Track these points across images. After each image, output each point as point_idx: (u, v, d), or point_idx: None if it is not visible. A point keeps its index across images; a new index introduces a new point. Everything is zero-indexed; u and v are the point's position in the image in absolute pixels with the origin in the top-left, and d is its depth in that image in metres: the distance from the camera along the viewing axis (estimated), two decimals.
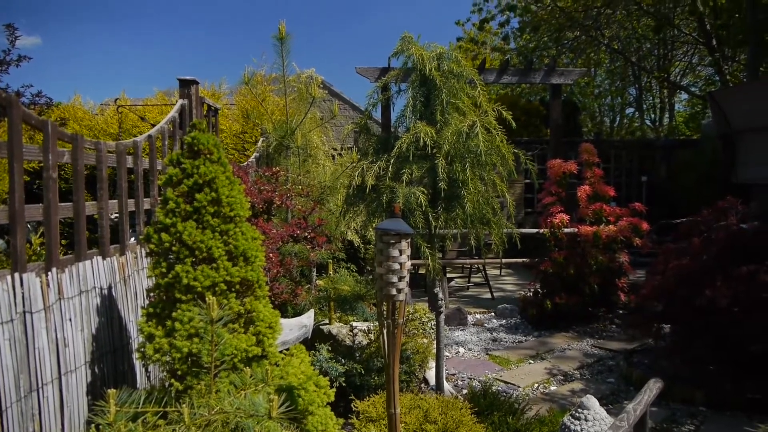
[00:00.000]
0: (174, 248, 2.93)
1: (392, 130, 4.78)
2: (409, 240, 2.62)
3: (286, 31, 6.27)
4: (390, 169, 4.11)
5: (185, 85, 5.61)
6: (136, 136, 10.79)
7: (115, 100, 10.70)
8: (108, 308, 3.49)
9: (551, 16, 16.47)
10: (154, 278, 2.99)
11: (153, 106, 11.09)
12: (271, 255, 4.51)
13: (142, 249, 4.06)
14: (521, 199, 12.67)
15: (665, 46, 19.79)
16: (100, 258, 3.47)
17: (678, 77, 21.89)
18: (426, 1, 49.95)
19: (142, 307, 3.04)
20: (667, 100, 23.68)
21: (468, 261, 8.96)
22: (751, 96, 10.07)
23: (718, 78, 15.75)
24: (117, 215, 4.17)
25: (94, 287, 3.35)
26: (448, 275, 10.15)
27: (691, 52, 20.01)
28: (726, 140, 10.80)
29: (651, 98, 24.72)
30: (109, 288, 3.53)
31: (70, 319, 3.07)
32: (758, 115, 9.71)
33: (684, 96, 23.46)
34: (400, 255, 2.59)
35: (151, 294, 3.03)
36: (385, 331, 2.77)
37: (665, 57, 20.33)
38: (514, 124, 4.07)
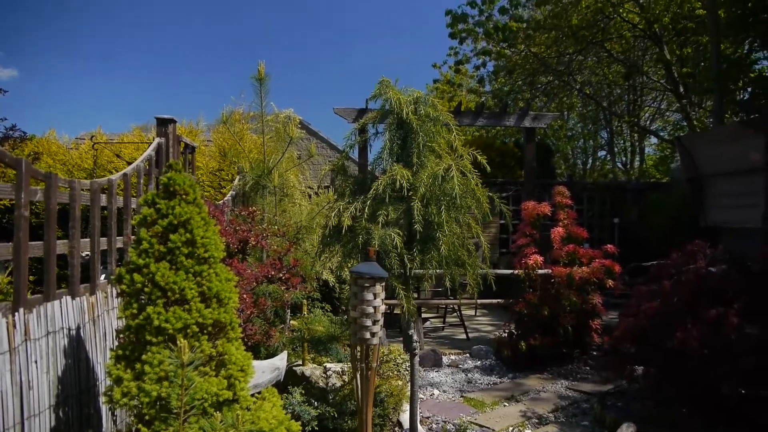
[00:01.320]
0: (146, 289, 2.89)
1: (369, 170, 4.83)
2: (383, 283, 2.63)
3: (265, 72, 6.34)
4: (366, 210, 4.13)
5: (163, 123, 5.61)
6: (111, 172, 10.74)
7: (92, 137, 10.63)
8: (75, 349, 3.41)
9: (525, 60, 16.94)
10: (124, 319, 2.94)
11: (129, 144, 11.03)
12: (245, 296, 4.47)
13: (113, 288, 3.99)
14: (496, 240, 12.78)
15: (635, 92, 20.43)
16: (69, 298, 3.40)
17: (647, 122, 22.54)
18: (404, 43, 51.14)
19: (111, 349, 2.98)
20: (637, 143, 24.32)
21: (443, 301, 8.96)
22: (717, 141, 10.40)
23: (685, 123, 16.26)
24: (88, 254, 4.11)
25: (62, 328, 3.27)
26: (424, 315, 10.12)
27: (659, 98, 20.69)
28: (694, 184, 11.09)
29: (622, 142, 25.37)
30: (78, 329, 3.46)
31: (36, 362, 2.99)
32: (724, 160, 10.02)
33: (654, 140, 24.11)
34: (375, 299, 2.59)
35: (121, 335, 2.97)
36: (358, 375, 2.75)
37: (635, 102, 20.97)
38: (488, 168, 4.15)
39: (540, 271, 7.44)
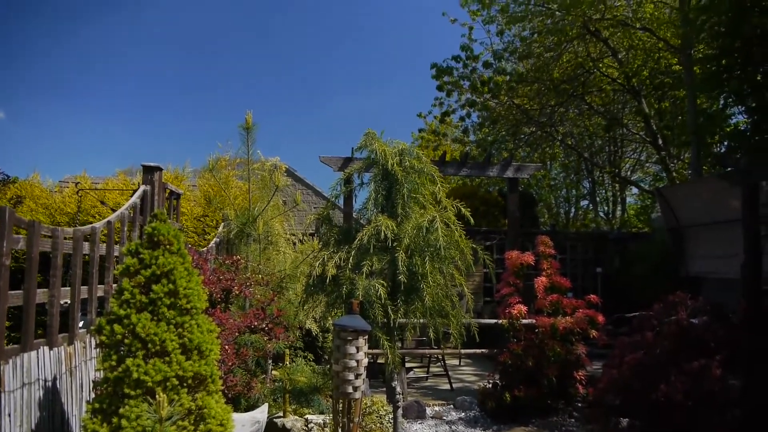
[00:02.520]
0: (126, 341, 2.85)
1: (354, 219, 4.88)
2: (366, 337, 2.63)
3: (253, 122, 6.43)
4: (351, 260, 4.15)
5: (149, 171, 5.63)
6: (95, 217, 10.65)
7: (76, 183, 10.61)
8: (51, 402, 3.33)
9: (509, 112, 17.33)
10: (102, 371, 2.89)
11: (113, 190, 11.00)
12: (227, 347, 4.41)
13: (92, 338, 3.93)
14: (480, 288, 12.77)
15: (615, 144, 20.88)
16: (46, 348, 3.34)
17: (628, 173, 22.97)
18: (390, 91, 52.04)
19: (88, 402, 2.92)
20: (619, 193, 24.70)
21: (427, 351, 8.88)
22: (696, 193, 10.62)
23: (665, 175, 16.60)
24: (68, 301, 4.05)
25: (38, 379, 3.21)
26: (407, 365, 10.00)
27: (639, 149, 21.16)
28: (675, 234, 11.26)
29: (604, 191, 25.75)
30: (54, 380, 3.38)
31: (9, 414, 2.92)
32: (703, 212, 10.21)
33: (635, 190, 24.52)
34: (357, 352, 2.58)
35: (98, 388, 2.91)
36: (339, 430, 2.72)
37: (616, 153, 21.41)
38: (472, 220, 4.21)
39: (524, 321, 7.43)
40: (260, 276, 5.91)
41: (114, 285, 4.40)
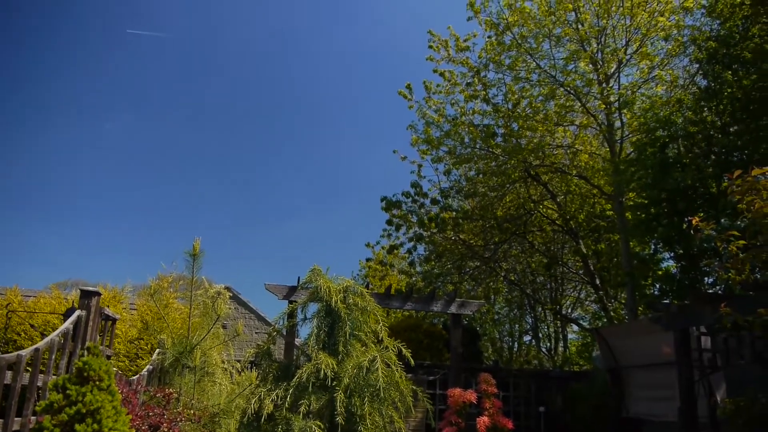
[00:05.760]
0: None
1: (296, 347, 4.82)
2: None
3: (200, 248, 6.44)
4: (288, 398, 4.06)
5: (86, 296, 5.47)
6: (19, 334, 10.07)
7: (7, 304, 10.18)
8: None
9: (454, 246, 17.87)
10: None
11: (45, 313, 10.51)
12: None
13: None
14: (422, 425, 12.38)
15: (556, 281, 21.57)
16: None
17: (569, 309, 23.53)
18: (340, 217, 53.09)
19: None
20: (560, 330, 25.09)
21: None
22: (632, 335, 10.94)
23: (603, 313, 17.11)
24: None
25: None
26: None
27: (579, 287, 21.88)
28: (614, 374, 11.41)
29: (546, 327, 26.13)
30: None
31: None
32: (639, 353, 10.47)
33: (576, 326, 24.98)
34: None
35: None
36: None
37: (556, 290, 22.04)
38: (412, 362, 4.23)
39: None
40: (192, 411, 5.62)
41: (33, 418, 4.12)
